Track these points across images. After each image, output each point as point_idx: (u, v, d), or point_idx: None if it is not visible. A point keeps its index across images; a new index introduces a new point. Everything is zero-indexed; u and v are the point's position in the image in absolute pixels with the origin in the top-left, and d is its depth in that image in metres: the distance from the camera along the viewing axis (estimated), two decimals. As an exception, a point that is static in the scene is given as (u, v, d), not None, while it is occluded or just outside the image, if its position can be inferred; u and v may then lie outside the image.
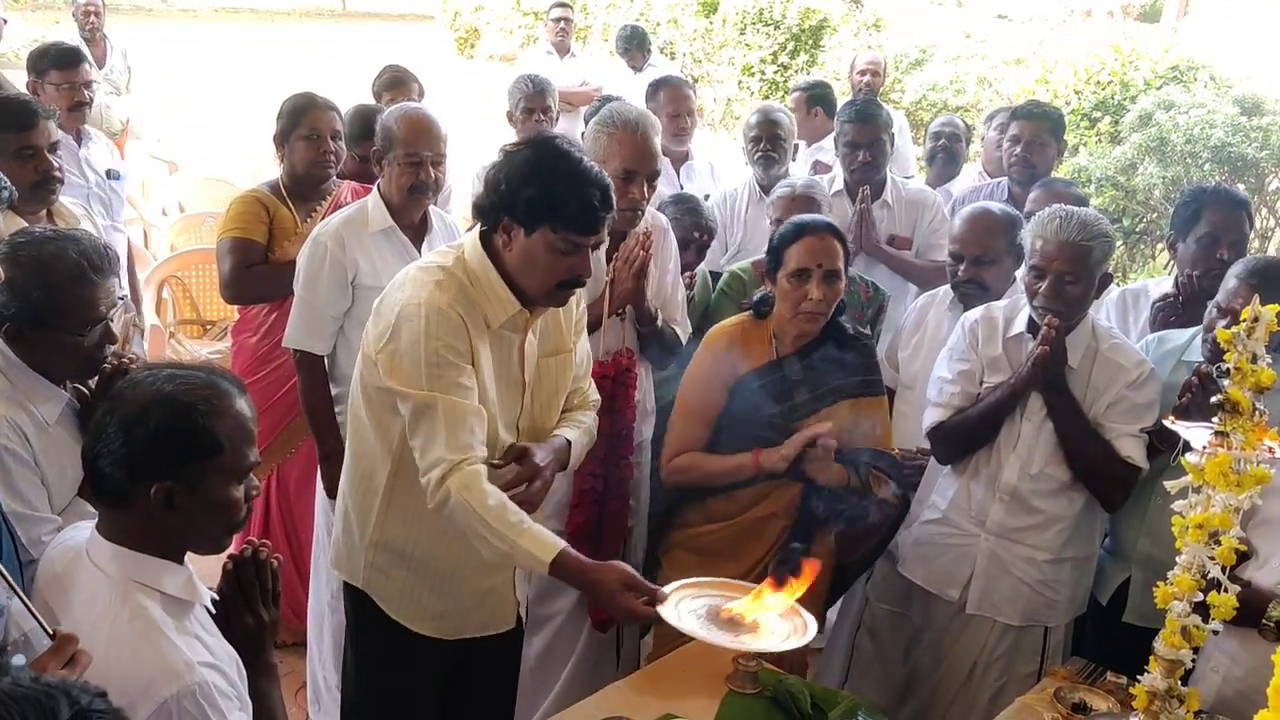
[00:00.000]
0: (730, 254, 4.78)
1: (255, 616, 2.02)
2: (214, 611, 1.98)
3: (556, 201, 2.55)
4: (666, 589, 2.64)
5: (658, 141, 3.43)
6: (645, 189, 3.37)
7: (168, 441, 1.83)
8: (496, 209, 2.61)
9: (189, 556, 1.96)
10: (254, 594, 2.02)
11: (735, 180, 5.31)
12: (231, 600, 2.01)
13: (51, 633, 1.50)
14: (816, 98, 6.22)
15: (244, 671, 1.95)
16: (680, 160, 5.59)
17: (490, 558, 2.66)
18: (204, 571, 2.01)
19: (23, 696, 1.07)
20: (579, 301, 2.96)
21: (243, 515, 1.96)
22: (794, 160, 5.34)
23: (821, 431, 3.12)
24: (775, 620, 2.69)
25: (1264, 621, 2.59)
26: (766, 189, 4.89)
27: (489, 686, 3.07)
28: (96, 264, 2.51)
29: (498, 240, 2.64)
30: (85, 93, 4.89)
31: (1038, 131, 4.73)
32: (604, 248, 3.38)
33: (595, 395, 3.07)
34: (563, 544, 2.58)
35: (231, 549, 2.09)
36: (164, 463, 1.82)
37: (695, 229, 4.09)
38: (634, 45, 8.06)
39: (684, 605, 2.66)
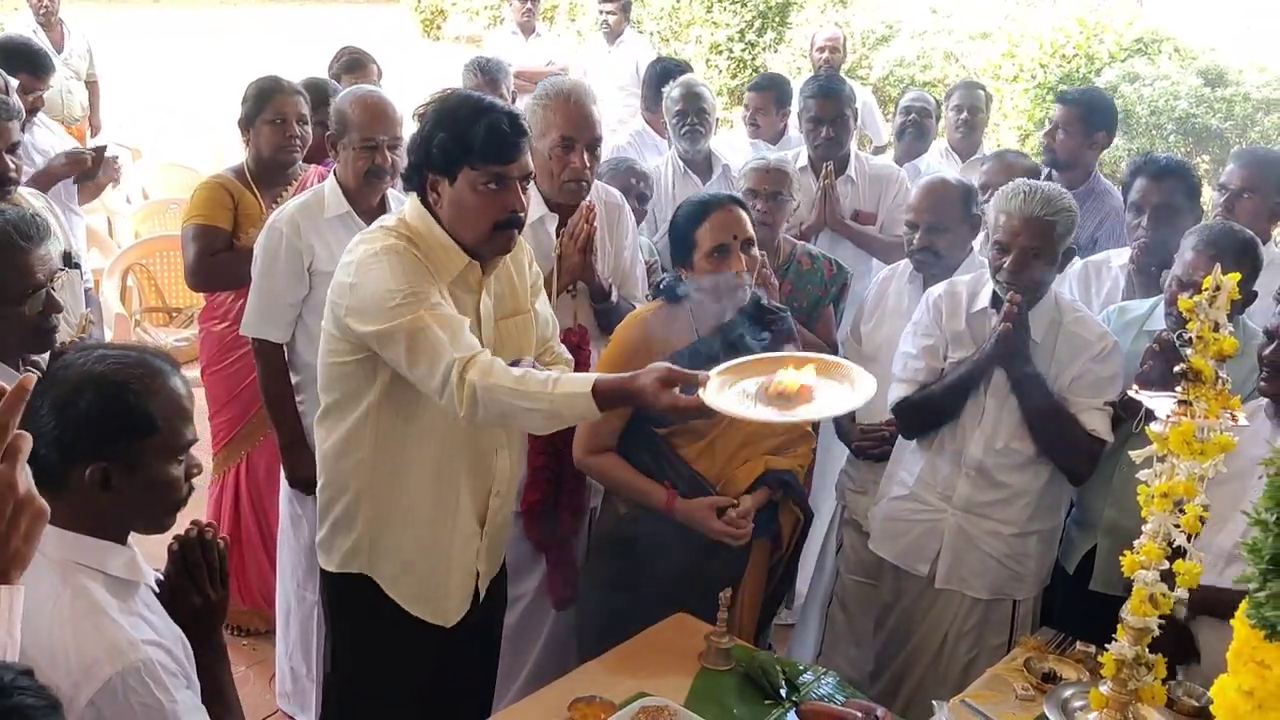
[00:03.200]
0: (660, 233, 4.69)
1: (203, 597, 2.01)
2: (158, 591, 1.97)
3: (466, 137, 2.56)
4: (708, 373, 2.47)
5: (595, 110, 3.41)
6: (586, 157, 3.34)
7: (100, 421, 1.81)
8: (419, 168, 2.64)
9: (135, 538, 1.95)
10: (201, 574, 2.01)
11: (657, 158, 5.21)
12: (178, 581, 2.00)
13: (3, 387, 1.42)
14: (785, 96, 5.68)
15: (190, 651, 1.93)
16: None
17: (540, 426, 2.64)
18: (151, 554, 2.00)
19: None
20: (532, 262, 2.96)
21: (184, 494, 1.95)
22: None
23: (738, 508, 3.08)
24: (824, 383, 2.43)
25: None
26: (690, 163, 4.87)
27: (469, 667, 3.08)
28: (25, 231, 2.47)
29: (430, 200, 2.66)
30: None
31: (1067, 117, 4.57)
32: (554, 222, 3.38)
33: (568, 355, 3.08)
34: (595, 375, 2.57)
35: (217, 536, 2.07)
36: (98, 443, 1.81)
37: (625, 189, 4.03)
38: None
39: (727, 391, 2.44)
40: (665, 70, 5.75)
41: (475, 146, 2.56)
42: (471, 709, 3.08)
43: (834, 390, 2.43)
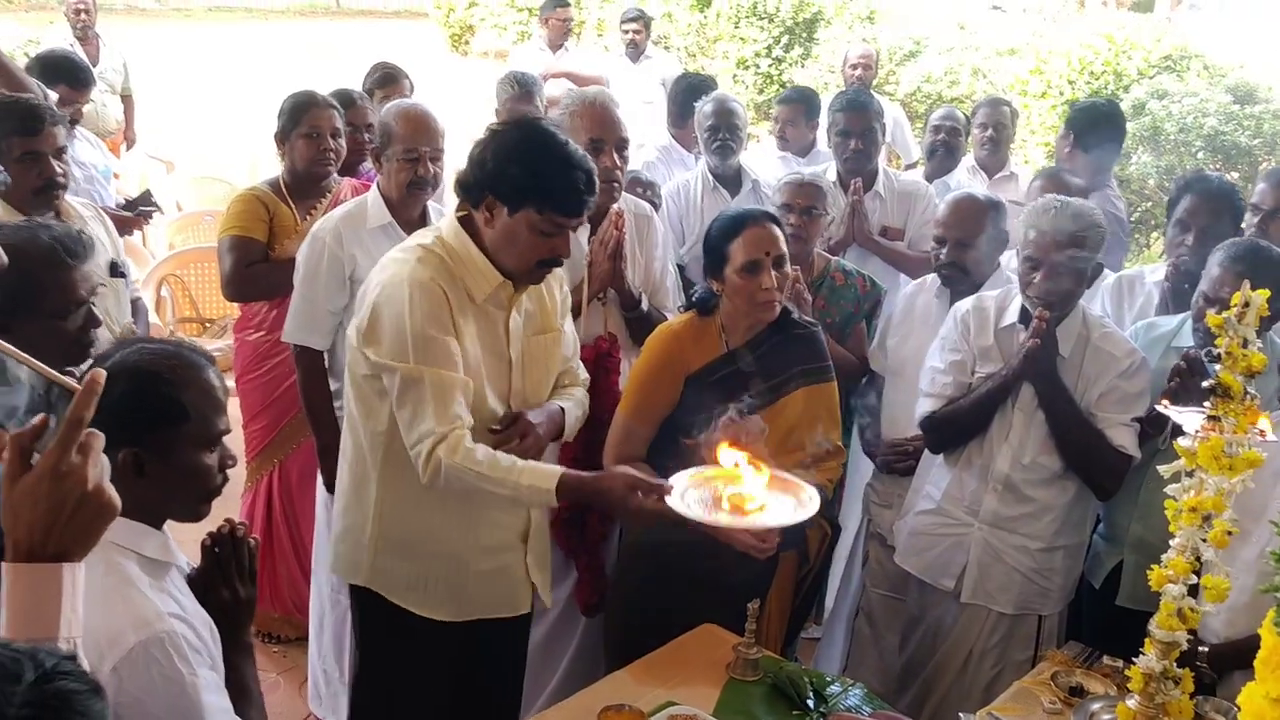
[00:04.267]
0: (689, 246, 4.72)
1: (232, 591, 2.05)
2: (191, 577, 2.02)
3: (543, 183, 2.58)
4: (672, 480, 2.60)
5: (619, 112, 3.48)
6: (616, 158, 3.40)
7: (134, 409, 1.85)
8: (481, 185, 2.64)
9: (171, 528, 1.99)
10: (230, 569, 2.05)
11: (685, 172, 5.25)
12: (209, 575, 2.04)
13: (76, 386, 1.47)
14: (813, 109, 5.74)
15: (217, 637, 1.97)
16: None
17: (504, 506, 2.71)
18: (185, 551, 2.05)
19: None
20: (562, 283, 3.01)
21: (217, 483, 1.99)
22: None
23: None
24: (775, 496, 2.61)
25: None
26: (721, 178, 4.89)
27: (496, 678, 3.10)
28: (71, 248, 2.52)
29: (479, 217, 2.67)
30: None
31: None
32: (585, 230, 3.43)
33: (585, 374, 3.12)
34: (561, 469, 2.65)
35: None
36: (131, 430, 1.84)
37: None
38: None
39: (690, 495, 2.58)
40: (692, 86, 5.80)
41: (549, 195, 2.59)
42: (500, 716, 3.11)
43: (786, 504, 2.60)
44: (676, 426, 3.23)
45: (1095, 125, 4.80)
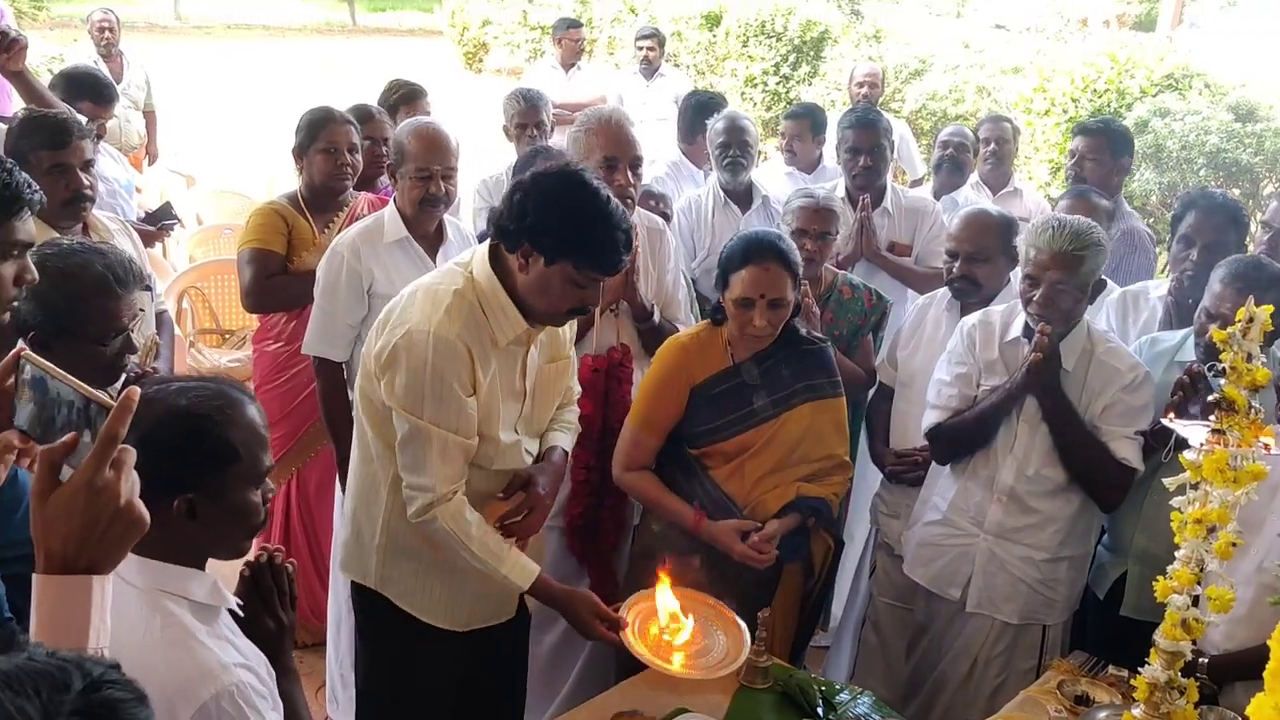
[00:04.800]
0: (700, 260, 4.76)
1: (275, 620, 2.03)
2: (240, 615, 1.98)
3: (583, 240, 2.57)
4: (624, 608, 2.81)
5: (633, 131, 3.48)
6: (630, 176, 3.40)
7: (186, 455, 1.82)
8: (519, 234, 2.60)
9: (209, 562, 1.97)
10: (273, 598, 2.04)
11: (694, 188, 5.28)
12: (251, 605, 2.02)
13: (112, 403, 1.47)
14: (820, 124, 5.77)
15: (272, 672, 1.95)
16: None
17: (474, 571, 2.76)
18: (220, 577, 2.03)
19: (36, 671, 1.07)
20: None
21: (262, 518, 1.96)
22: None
23: (762, 531, 3.15)
24: (715, 635, 2.83)
25: None
26: (731, 194, 4.91)
27: (500, 679, 3.11)
28: (121, 277, 2.55)
29: (512, 261, 2.65)
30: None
31: (1093, 147, 4.67)
32: None
33: (577, 388, 3.13)
34: (538, 570, 2.76)
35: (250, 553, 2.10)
36: (184, 476, 1.82)
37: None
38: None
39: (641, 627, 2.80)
40: (701, 103, 5.82)
41: (588, 252, 2.58)
42: (506, 715, 3.12)
43: (719, 642, 2.81)
44: (684, 437, 3.24)
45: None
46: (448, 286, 2.68)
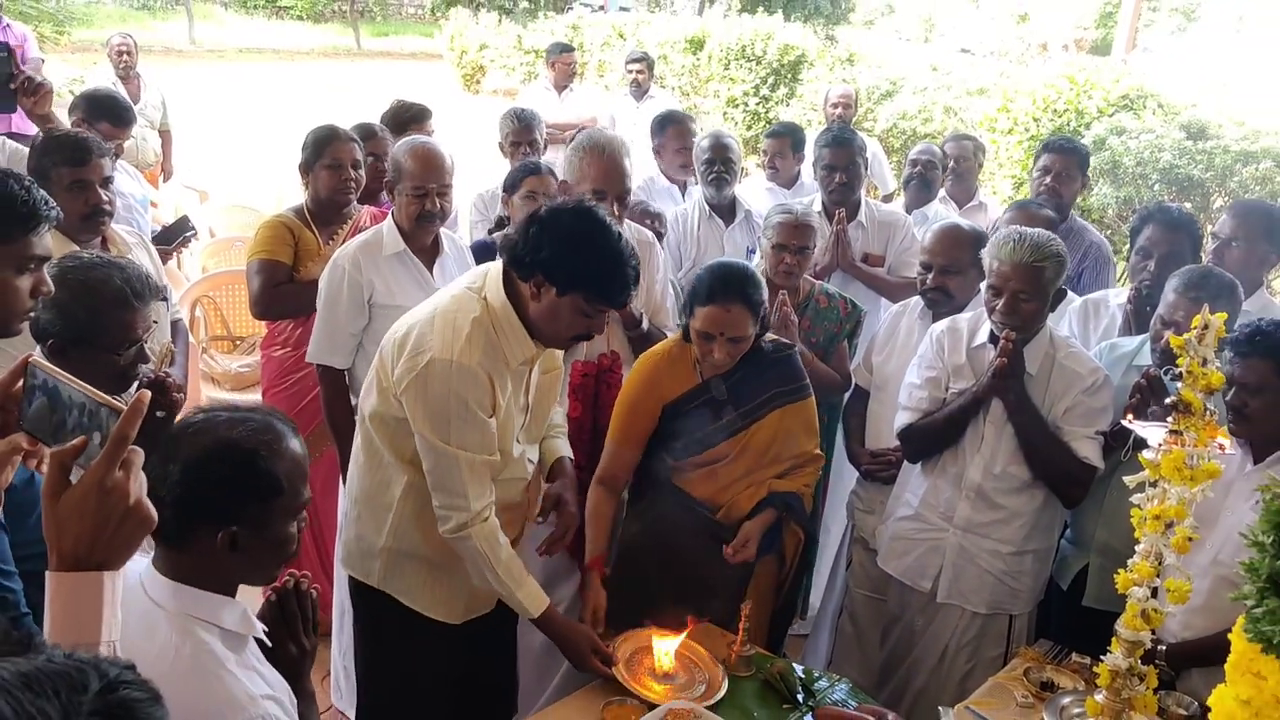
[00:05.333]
0: (685, 270, 4.73)
1: (299, 645, 1.98)
2: (268, 644, 1.92)
3: (595, 276, 2.57)
4: (617, 645, 2.83)
5: (627, 163, 3.47)
6: (616, 208, 3.38)
7: (233, 487, 1.76)
8: (534, 266, 2.58)
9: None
10: (297, 624, 1.98)
11: (686, 201, 5.31)
12: (275, 631, 1.96)
13: (122, 407, 1.43)
14: (799, 142, 5.76)
15: (295, 700, 1.89)
16: (684, 186, 5.63)
17: (482, 586, 2.77)
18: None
19: (55, 672, 1.04)
20: None
21: (295, 547, 1.90)
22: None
23: (742, 533, 3.12)
24: (693, 669, 2.83)
25: None
26: (716, 207, 4.91)
27: (495, 666, 3.10)
28: (139, 291, 2.51)
29: (525, 289, 2.63)
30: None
31: (1067, 165, 4.65)
32: None
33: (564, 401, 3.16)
34: (548, 601, 2.81)
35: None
36: (230, 507, 1.76)
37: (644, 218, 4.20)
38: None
39: (634, 660, 2.85)
40: (662, 117, 5.78)
41: (599, 287, 2.59)
42: (499, 706, 3.09)
43: (697, 677, 2.80)
44: (661, 445, 3.21)
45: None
46: (466, 314, 2.65)
